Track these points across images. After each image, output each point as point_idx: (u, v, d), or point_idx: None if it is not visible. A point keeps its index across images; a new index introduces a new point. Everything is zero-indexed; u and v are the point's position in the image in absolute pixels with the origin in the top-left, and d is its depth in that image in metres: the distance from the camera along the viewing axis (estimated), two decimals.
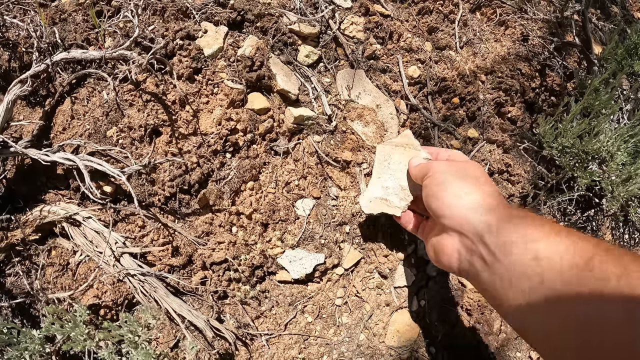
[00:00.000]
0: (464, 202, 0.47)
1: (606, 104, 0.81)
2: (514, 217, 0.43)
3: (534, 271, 0.38)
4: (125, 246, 0.69)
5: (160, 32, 0.78)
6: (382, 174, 0.72)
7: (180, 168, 0.71)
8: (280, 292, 0.75)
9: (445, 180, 0.51)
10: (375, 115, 0.82)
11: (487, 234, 0.44)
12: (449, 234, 0.49)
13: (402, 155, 0.71)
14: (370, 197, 0.71)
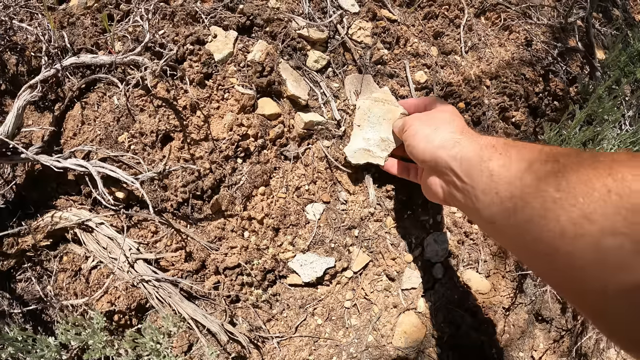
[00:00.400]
0: (433, 144, 0.54)
1: (610, 111, 0.82)
2: (473, 142, 0.49)
3: (490, 187, 0.43)
4: (139, 252, 0.69)
5: (170, 37, 0.78)
6: (364, 126, 0.78)
7: (193, 174, 0.71)
8: (291, 295, 0.76)
9: (417, 129, 0.59)
10: None
11: (454, 164, 0.50)
12: (431, 173, 0.57)
13: (381, 109, 0.77)
14: (355, 148, 0.77)
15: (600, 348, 0.97)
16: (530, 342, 0.94)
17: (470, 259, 0.89)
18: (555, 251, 0.33)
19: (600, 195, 0.30)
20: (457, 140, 0.52)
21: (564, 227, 0.32)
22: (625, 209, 0.28)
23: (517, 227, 0.39)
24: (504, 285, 0.92)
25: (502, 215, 0.42)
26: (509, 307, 0.92)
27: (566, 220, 0.32)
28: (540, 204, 0.36)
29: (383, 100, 0.78)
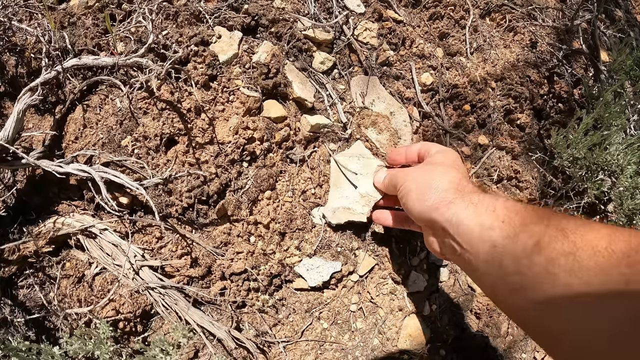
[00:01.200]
0: (427, 204, 0.51)
1: (617, 116, 0.81)
2: (471, 205, 0.46)
3: (493, 258, 0.41)
4: (144, 259, 0.68)
5: (174, 38, 0.75)
6: (340, 184, 0.76)
7: (199, 179, 0.70)
8: (297, 300, 0.75)
9: (410, 188, 0.56)
10: (389, 122, 0.81)
11: (451, 229, 0.47)
12: (429, 232, 0.55)
13: (357, 164, 0.76)
14: (333, 208, 0.75)
15: None
16: (533, 343, 0.93)
17: None
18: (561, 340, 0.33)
19: (617, 285, 0.29)
20: (451, 200, 0.48)
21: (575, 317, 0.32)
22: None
23: (522, 304, 0.38)
24: None
25: (505, 289, 0.40)
26: None
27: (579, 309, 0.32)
28: (551, 288, 0.34)
29: (357, 155, 0.77)
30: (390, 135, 0.82)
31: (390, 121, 0.82)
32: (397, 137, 0.82)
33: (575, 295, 0.32)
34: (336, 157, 0.77)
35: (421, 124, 0.84)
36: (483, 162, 0.88)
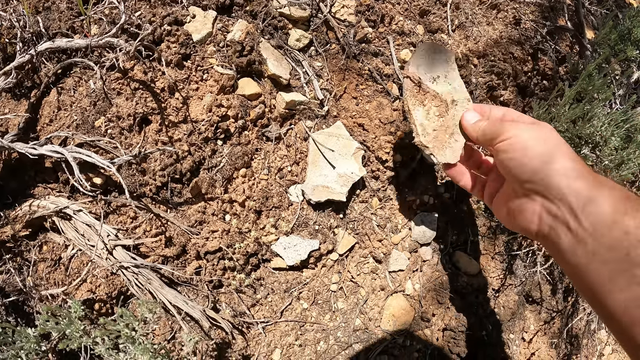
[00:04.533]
0: (552, 167, 0.44)
1: (600, 89, 0.77)
2: (604, 186, 0.41)
3: (621, 244, 0.37)
4: (117, 238, 0.65)
5: (147, 18, 0.73)
6: (319, 162, 0.73)
7: (172, 157, 0.67)
8: (276, 279, 0.72)
9: (527, 143, 0.47)
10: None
11: (575, 201, 0.41)
12: (532, 198, 0.46)
13: (336, 144, 0.73)
14: (313, 186, 0.72)
15: (591, 329, 0.94)
16: (520, 323, 0.90)
17: (459, 239, 0.85)
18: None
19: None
20: (581, 172, 0.42)
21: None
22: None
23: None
24: (494, 266, 0.88)
25: (628, 280, 0.36)
26: (499, 289, 0.88)
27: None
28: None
29: (337, 135, 0.73)
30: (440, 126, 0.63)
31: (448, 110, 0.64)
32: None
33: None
34: (314, 135, 0.74)
35: (401, 100, 0.80)
36: None
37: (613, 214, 0.39)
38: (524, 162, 0.46)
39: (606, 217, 0.39)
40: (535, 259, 0.88)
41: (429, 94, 0.62)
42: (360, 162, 0.74)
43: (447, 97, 0.62)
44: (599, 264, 0.39)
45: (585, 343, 0.95)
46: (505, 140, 0.49)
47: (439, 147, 0.60)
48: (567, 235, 0.42)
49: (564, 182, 0.42)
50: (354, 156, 0.74)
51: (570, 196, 0.42)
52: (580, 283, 0.42)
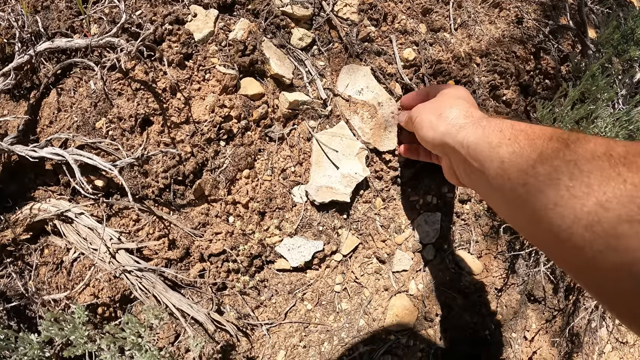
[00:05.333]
0: (438, 131, 0.53)
1: (604, 89, 0.76)
2: (479, 127, 0.47)
3: (502, 174, 0.42)
4: (120, 242, 0.64)
5: (148, 17, 0.71)
6: (322, 163, 0.73)
7: (174, 158, 0.66)
8: (279, 281, 0.71)
9: (422, 118, 0.57)
10: (375, 112, 0.77)
11: (461, 150, 0.48)
12: (443, 158, 0.57)
13: (339, 144, 0.73)
14: (317, 187, 0.72)
15: (592, 327, 0.93)
16: (522, 322, 0.89)
17: (462, 239, 0.84)
18: (570, 237, 0.33)
19: (616, 184, 0.30)
20: (461, 125, 0.50)
21: (578, 214, 0.32)
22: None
23: (530, 213, 0.38)
24: (496, 265, 0.87)
25: (515, 201, 0.40)
26: (501, 288, 0.88)
27: (580, 208, 0.31)
28: (554, 192, 0.34)
29: (340, 135, 0.74)
30: (375, 125, 0.76)
31: (377, 111, 0.77)
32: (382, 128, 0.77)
33: (574, 195, 0.32)
34: (317, 135, 0.73)
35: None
36: None
37: (489, 149, 0.43)
38: (423, 135, 0.56)
39: (485, 154, 0.44)
40: (538, 258, 0.88)
41: (358, 104, 0.75)
42: (364, 162, 0.73)
43: (373, 102, 0.76)
44: (497, 195, 0.44)
45: (586, 341, 0.95)
46: (414, 123, 0.60)
47: (378, 140, 0.75)
48: (473, 181, 0.49)
49: (449, 138, 0.50)
50: (358, 156, 0.73)
51: (458, 147, 0.49)
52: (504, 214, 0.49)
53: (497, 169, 0.42)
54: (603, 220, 0.30)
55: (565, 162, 0.34)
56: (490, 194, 0.46)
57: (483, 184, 0.46)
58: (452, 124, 0.51)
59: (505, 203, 0.43)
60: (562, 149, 0.35)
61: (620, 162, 0.30)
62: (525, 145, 0.40)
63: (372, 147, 0.76)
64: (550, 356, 0.91)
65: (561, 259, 0.37)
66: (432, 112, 0.56)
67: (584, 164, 0.33)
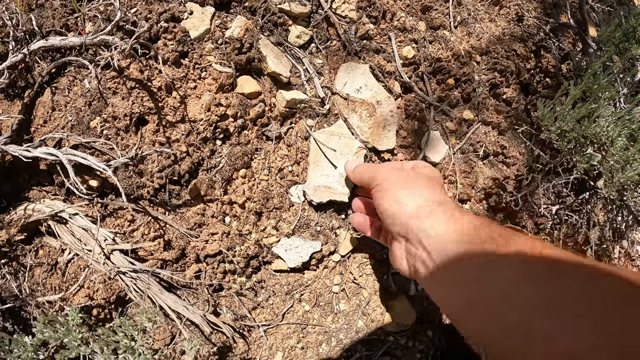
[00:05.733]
0: (405, 210, 0.47)
1: (605, 87, 0.75)
2: (451, 219, 0.44)
3: (456, 265, 0.41)
4: (115, 242, 0.63)
5: (143, 15, 0.70)
6: (320, 162, 0.71)
7: (169, 158, 0.64)
8: (277, 282, 0.70)
9: (388, 187, 0.51)
10: (374, 110, 0.76)
11: (424, 237, 0.44)
12: (399, 240, 0.50)
13: (338, 143, 0.71)
14: (314, 186, 0.70)
15: None
16: None
17: None
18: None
19: None
20: (432, 210, 0.46)
21: None
22: None
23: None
24: None
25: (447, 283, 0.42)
26: None
27: None
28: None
29: (338, 134, 0.72)
30: (374, 123, 0.75)
31: (376, 110, 0.76)
32: (381, 127, 0.75)
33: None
34: (315, 134, 0.71)
35: (403, 98, 0.78)
36: (468, 138, 0.82)
37: (444, 243, 0.42)
38: (385, 208, 0.50)
39: (450, 250, 0.41)
40: None
41: (357, 102, 0.74)
42: (362, 161, 0.72)
43: (372, 101, 0.74)
44: (439, 286, 0.44)
45: None
46: (376, 186, 0.53)
47: (377, 139, 0.74)
48: (423, 268, 0.45)
49: (416, 223, 0.45)
50: (356, 155, 0.72)
51: (421, 234, 0.44)
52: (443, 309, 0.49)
53: (450, 261, 0.41)
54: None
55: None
56: (434, 284, 0.45)
57: (431, 275, 0.44)
58: (423, 205, 0.47)
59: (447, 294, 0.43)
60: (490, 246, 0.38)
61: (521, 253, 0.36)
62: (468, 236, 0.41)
63: (371, 146, 0.74)
64: None
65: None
66: (403, 184, 0.50)
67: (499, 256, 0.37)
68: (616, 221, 0.88)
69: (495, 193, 0.84)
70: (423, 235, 0.44)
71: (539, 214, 0.83)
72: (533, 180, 0.83)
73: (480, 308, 0.37)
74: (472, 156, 0.83)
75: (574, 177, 0.80)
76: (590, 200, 0.83)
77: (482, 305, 0.36)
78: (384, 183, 0.52)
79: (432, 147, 0.78)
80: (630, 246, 0.90)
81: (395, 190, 0.50)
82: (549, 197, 0.87)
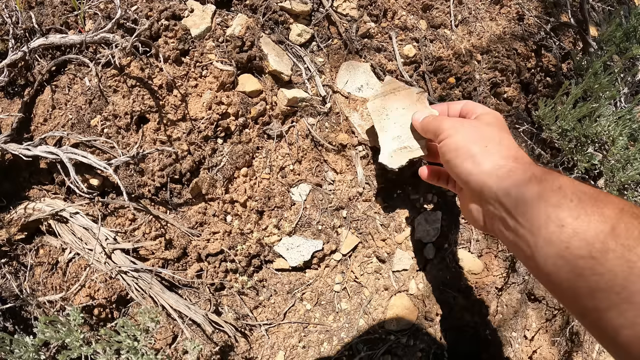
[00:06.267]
0: (481, 169, 0.43)
1: (606, 87, 0.75)
2: (534, 179, 0.39)
3: (558, 238, 0.35)
4: (116, 242, 0.62)
5: (144, 13, 0.69)
6: (387, 126, 0.66)
7: (171, 157, 0.64)
8: (278, 281, 0.70)
9: (459, 144, 0.46)
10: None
11: (506, 199, 0.40)
12: (473, 199, 0.46)
13: (397, 101, 0.66)
14: (389, 152, 0.65)
15: None
16: (523, 321, 0.88)
17: (462, 238, 0.83)
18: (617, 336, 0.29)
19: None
20: (511, 169, 0.41)
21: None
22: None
23: (584, 288, 0.33)
24: (497, 264, 0.86)
25: (569, 274, 0.35)
26: (502, 287, 0.86)
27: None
28: (626, 275, 0.30)
29: (393, 90, 0.66)
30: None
31: None
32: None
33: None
34: (371, 104, 0.67)
35: None
36: None
37: (544, 206, 0.37)
38: (457, 164, 0.45)
39: (535, 209, 0.37)
40: None
41: (358, 101, 0.73)
42: (427, 103, 0.65)
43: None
44: (545, 260, 0.37)
45: (586, 340, 0.94)
46: (442, 140, 0.49)
47: (376, 140, 0.68)
48: (510, 233, 0.41)
49: (494, 183, 0.41)
50: (419, 101, 0.66)
51: (502, 196, 0.40)
52: (533, 272, 0.41)
53: (554, 233, 0.36)
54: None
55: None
56: (531, 257, 0.39)
57: (525, 243, 0.39)
58: (500, 164, 0.42)
59: (550, 271, 0.37)
60: (637, 225, 0.31)
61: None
62: (592, 214, 0.34)
63: (372, 145, 0.74)
64: (550, 355, 0.90)
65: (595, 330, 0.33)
66: (475, 140, 0.45)
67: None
68: None
69: None
70: (504, 197, 0.40)
71: None
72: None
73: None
74: None
75: (575, 176, 0.80)
76: None
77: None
78: (451, 139, 0.47)
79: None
80: None
81: (466, 146, 0.45)
82: None
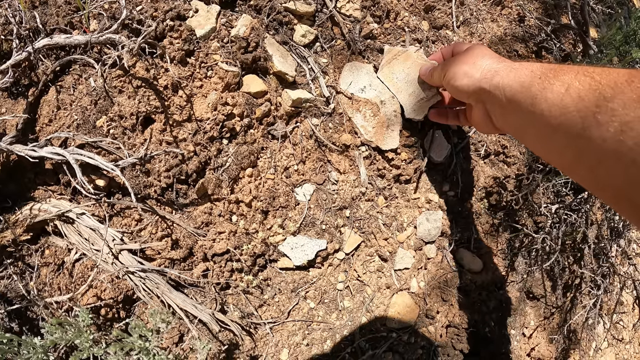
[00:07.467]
0: (474, 78, 0.54)
1: None
2: (513, 69, 0.48)
3: (533, 106, 0.43)
4: (123, 242, 0.63)
5: (149, 13, 0.69)
6: (401, 88, 0.73)
7: (177, 157, 0.64)
8: (282, 279, 0.70)
9: (455, 70, 0.58)
10: (377, 110, 0.76)
11: (497, 91, 0.49)
12: (477, 106, 0.57)
13: (400, 64, 0.74)
14: (411, 107, 0.73)
15: (589, 325, 0.94)
16: (521, 319, 0.89)
17: (463, 237, 0.84)
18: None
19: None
20: (496, 70, 0.51)
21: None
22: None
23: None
24: (496, 263, 0.87)
25: (542, 130, 0.42)
26: (501, 285, 0.88)
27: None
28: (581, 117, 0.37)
29: (394, 56, 0.74)
30: (377, 123, 0.75)
31: (380, 110, 0.75)
32: (385, 127, 0.75)
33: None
34: (381, 73, 0.75)
35: None
36: (470, 137, 0.83)
37: (521, 88, 0.45)
38: (457, 85, 0.57)
39: (517, 91, 0.46)
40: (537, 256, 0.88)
41: (361, 102, 0.75)
42: (425, 57, 0.73)
43: (376, 100, 0.75)
44: (524, 126, 0.46)
45: (583, 337, 0.95)
46: (446, 76, 0.60)
47: (380, 139, 0.75)
48: (503, 122, 0.52)
49: (485, 83, 0.52)
50: (418, 59, 0.73)
51: (494, 90, 0.50)
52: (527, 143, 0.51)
53: (530, 105, 0.43)
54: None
55: (592, 90, 0.36)
56: (518, 124, 0.47)
57: (523, 124, 0.46)
58: (487, 69, 0.52)
59: (533, 131, 0.44)
60: (589, 80, 0.37)
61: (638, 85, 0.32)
62: (554, 80, 0.41)
63: (375, 146, 0.75)
64: (548, 352, 0.91)
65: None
66: (465, 62, 0.57)
67: (608, 92, 0.34)
68: (614, 220, 0.89)
69: (496, 192, 0.85)
70: (495, 89, 0.49)
71: (539, 212, 0.84)
72: (533, 180, 0.83)
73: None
74: (473, 155, 0.84)
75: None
76: (589, 200, 0.84)
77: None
78: (449, 70, 0.59)
79: (435, 146, 0.78)
80: (627, 245, 0.91)
81: (460, 69, 0.56)
82: (549, 197, 0.88)
